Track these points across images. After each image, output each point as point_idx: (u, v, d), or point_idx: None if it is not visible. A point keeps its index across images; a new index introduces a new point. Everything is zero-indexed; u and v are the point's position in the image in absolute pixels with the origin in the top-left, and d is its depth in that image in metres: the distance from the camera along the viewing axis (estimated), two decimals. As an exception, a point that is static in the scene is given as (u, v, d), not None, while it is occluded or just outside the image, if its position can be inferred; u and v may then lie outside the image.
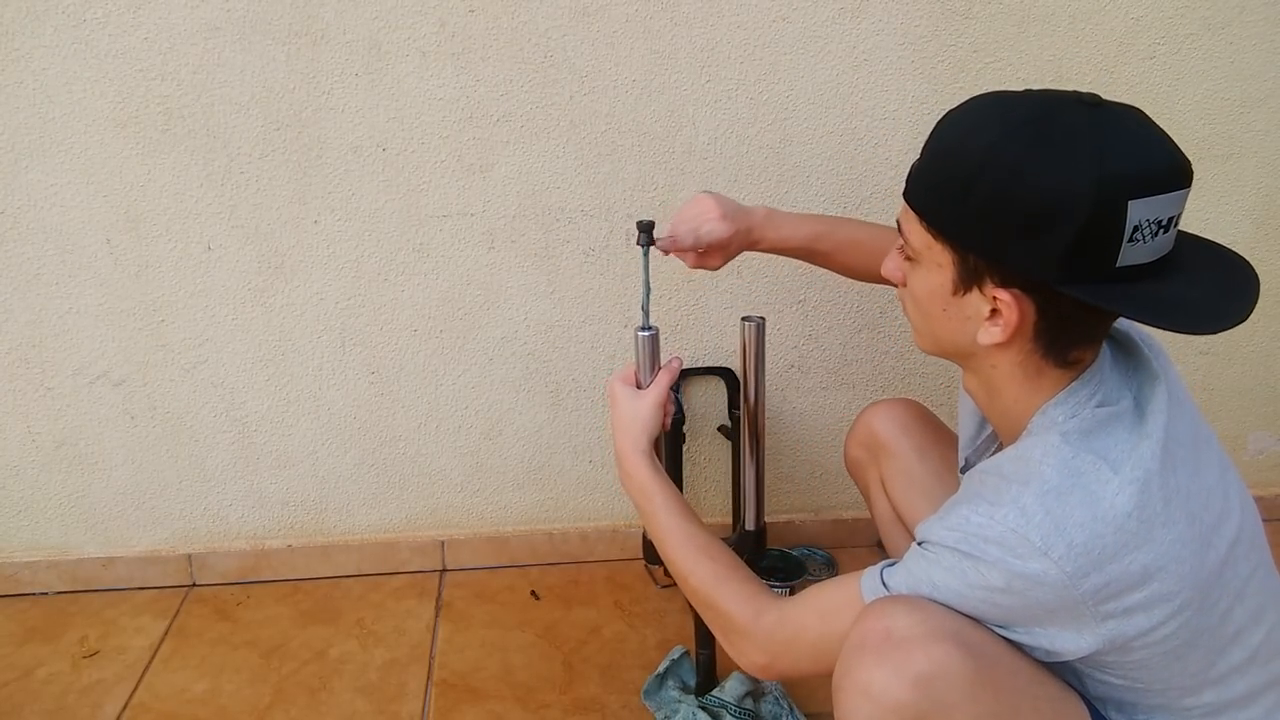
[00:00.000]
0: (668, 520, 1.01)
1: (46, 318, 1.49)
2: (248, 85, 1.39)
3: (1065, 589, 0.72)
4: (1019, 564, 0.73)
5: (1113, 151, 0.72)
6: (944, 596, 0.78)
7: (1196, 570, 0.75)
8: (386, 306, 1.53)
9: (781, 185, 1.51)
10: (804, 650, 0.88)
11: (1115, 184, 0.71)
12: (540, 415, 1.63)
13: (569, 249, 1.52)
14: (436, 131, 1.43)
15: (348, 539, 1.68)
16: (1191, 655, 0.78)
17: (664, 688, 1.37)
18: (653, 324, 1.09)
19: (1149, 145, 0.74)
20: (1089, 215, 0.71)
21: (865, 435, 1.28)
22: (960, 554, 0.77)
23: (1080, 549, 0.72)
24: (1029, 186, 0.73)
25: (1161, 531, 0.74)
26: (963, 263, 0.79)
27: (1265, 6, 1.49)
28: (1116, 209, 0.71)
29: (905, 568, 0.82)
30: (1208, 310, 0.75)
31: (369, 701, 1.39)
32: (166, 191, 1.43)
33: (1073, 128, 0.73)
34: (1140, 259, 0.74)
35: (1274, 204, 1.61)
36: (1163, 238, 0.75)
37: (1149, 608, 0.74)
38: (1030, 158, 0.73)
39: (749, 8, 1.41)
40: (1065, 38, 1.47)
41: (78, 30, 1.34)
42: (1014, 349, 0.81)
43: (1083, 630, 0.75)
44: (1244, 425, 1.77)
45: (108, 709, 1.39)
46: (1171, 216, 0.75)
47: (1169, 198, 0.73)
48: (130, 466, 1.60)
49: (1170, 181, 0.74)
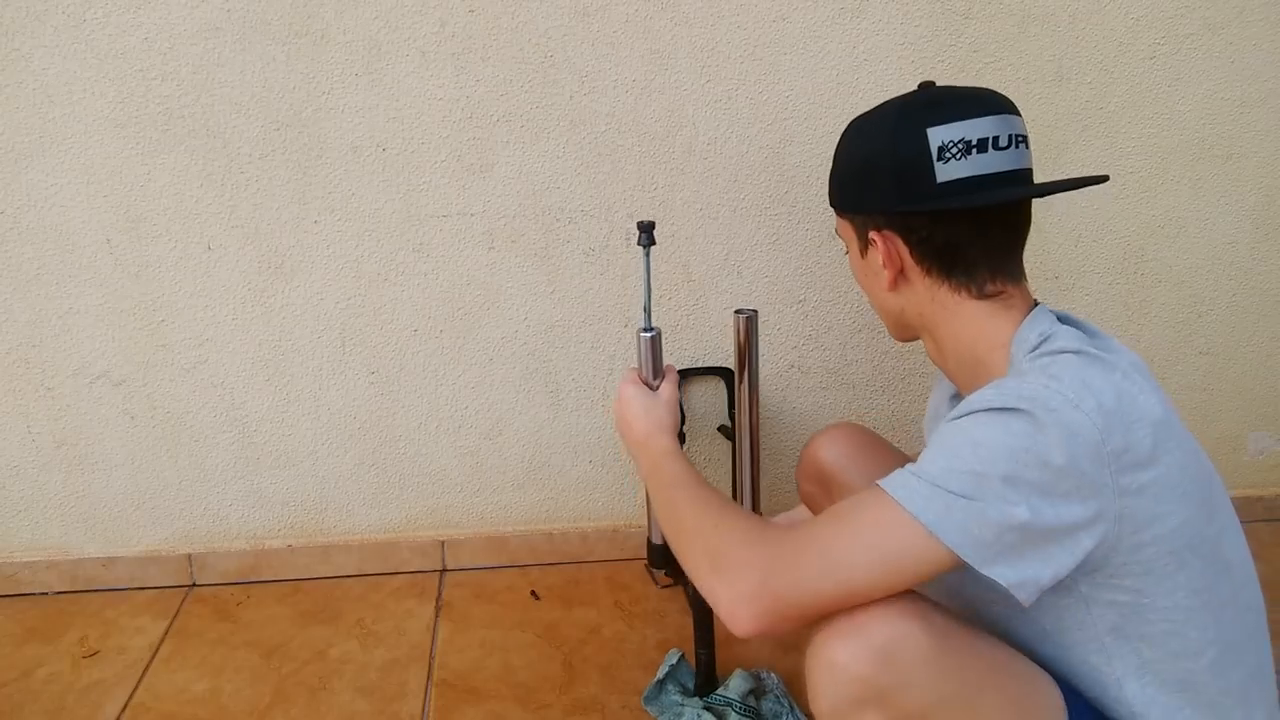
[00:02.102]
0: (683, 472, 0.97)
1: (46, 318, 1.49)
2: (248, 85, 1.39)
3: (1096, 444, 0.75)
4: (1054, 415, 0.75)
5: (916, 103, 0.90)
6: (987, 454, 0.76)
7: (1195, 470, 0.81)
8: (386, 306, 1.53)
9: (781, 185, 1.51)
10: (813, 564, 0.79)
11: (914, 120, 0.88)
12: (540, 415, 1.63)
13: (569, 249, 1.52)
14: (436, 131, 1.43)
15: (348, 539, 1.68)
16: (1192, 564, 0.81)
17: (664, 693, 1.37)
18: (655, 325, 1.09)
19: (953, 93, 0.91)
20: (899, 148, 0.88)
21: (811, 469, 1.28)
22: (996, 411, 0.78)
23: (1107, 408, 0.76)
24: (858, 144, 0.95)
25: (1167, 425, 0.79)
26: (855, 226, 0.97)
27: (1265, 6, 1.49)
28: (918, 136, 0.87)
29: (937, 446, 0.79)
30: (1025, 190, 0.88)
31: (369, 701, 1.39)
32: (166, 191, 1.43)
33: (891, 102, 0.93)
34: (963, 173, 0.86)
35: (1274, 204, 1.61)
36: (982, 156, 0.86)
37: (1158, 492, 0.77)
38: (861, 130, 0.95)
39: (749, 8, 1.41)
40: (1065, 38, 1.47)
41: (78, 30, 1.34)
42: (917, 286, 0.93)
43: (1102, 502, 0.76)
44: (1244, 425, 1.77)
45: (108, 709, 1.39)
46: (985, 138, 0.86)
47: (973, 122, 0.86)
48: (130, 466, 1.60)
49: (970, 108, 0.87)
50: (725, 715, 1.31)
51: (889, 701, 0.79)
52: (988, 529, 0.76)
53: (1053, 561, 0.77)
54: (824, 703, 0.82)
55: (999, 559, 0.76)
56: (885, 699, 0.79)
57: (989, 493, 0.76)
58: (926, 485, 0.78)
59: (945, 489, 0.77)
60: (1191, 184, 1.59)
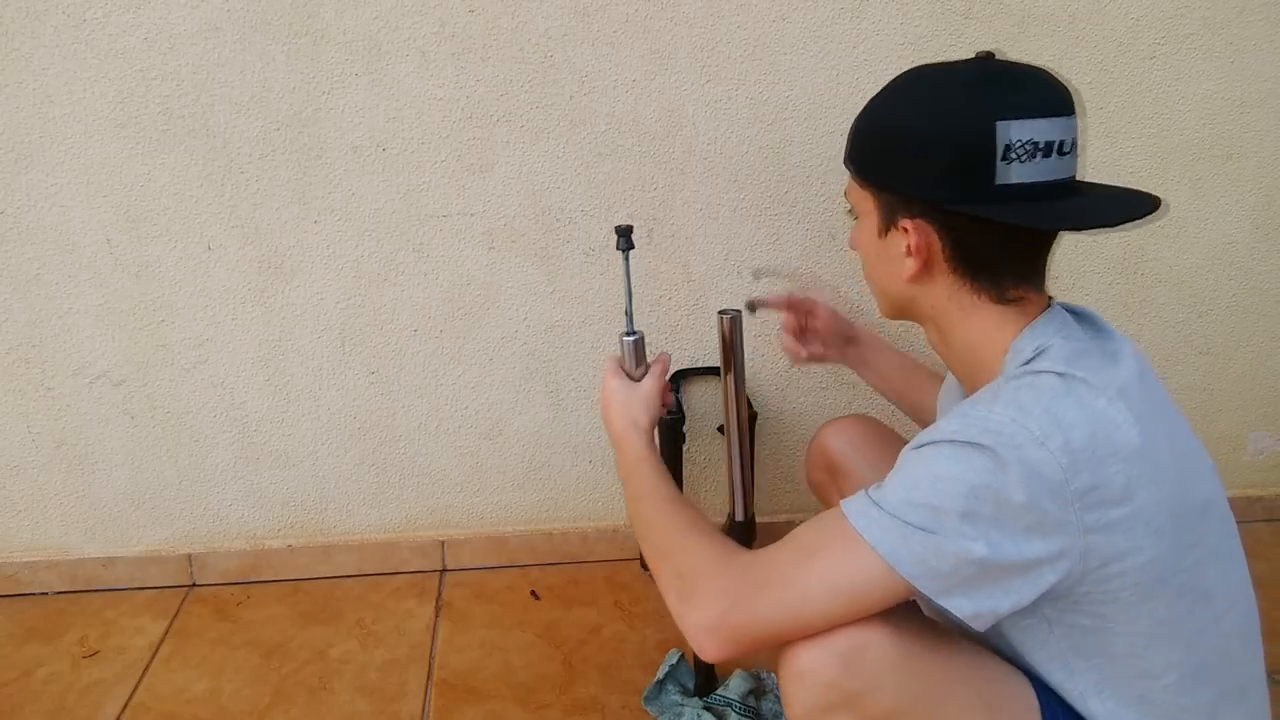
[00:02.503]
0: (654, 483, 0.97)
1: (46, 318, 1.49)
2: (248, 85, 1.39)
3: (1059, 484, 0.73)
4: (1017, 452, 0.73)
5: (984, 81, 0.82)
6: (946, 489, 0.75)
7: (1174, 504, 0.77)
8: (386, 306, 1.53)
9: (781, 185, 1.51)
10: (772, 597, 0.80)
11: (982, 106, 0.79)
12: (540, 415, 1.63)
13: (569, 249, 1.52)
14: (436, 131, 1.43)
15: (348, 539, 1.68)
16: (1162, 595, 0.78)
17: (664, 693, 1.37)
18: (637, 328, 1.08)
19: (1025, 78, 0.82)
20: (959, 135, 0.80)
21: (820, 458, 1.27)
22: (959, 444, 0.76)
23: (1076, 445, 0.73)
24: (912, 116, 0.84)
25: (1149, 453, 0.76)
26: (881, 202, 0.89)
27: (1265, 6, 1.49)
28: (986, 129, 0.79)
29: (899, 473, 0.79)
30: (1090, 213, 0.82)
31: (369, 701, 1.39)
32: (166, 191, 1.43)
33: (955, 70, 0.84)
34: (1023, 178, 0.80)
35: (1274, 204, 1.61)
36: (1045, 161, 0.80)
37: (1128, 528, 0.75)
38: (911, 93, 0.86)
39: (749, 8, 1.41)
40: (1065, 38, 1.47)
41: (78, 30, 1.34)
42: (939, 283, 0.87)
43: (1065, 539, 0.74)
44: (1244, 425, 1.77)
45: (108, 709, 1.39)
46: (1051, 141, 0.80)
47: (1044, 122, 0.79)
48: (130, 466, 1.60)
49: (1043, 107, 0.80)
50: (725, 715, 1.31)
51: (858, 705, 0.80)
52: (945, 561, 0.75)
53: (1013, 593, 0.77)
54: (796, 709, 0.83)
55: (956, 590, 0.76)
56: (854, 703, 0.80)
57: (946, 527, 0.75)
58: (885, 515, 0.77)
59: (903, 520, 0.76)
60: (1191, 184, 1.59)
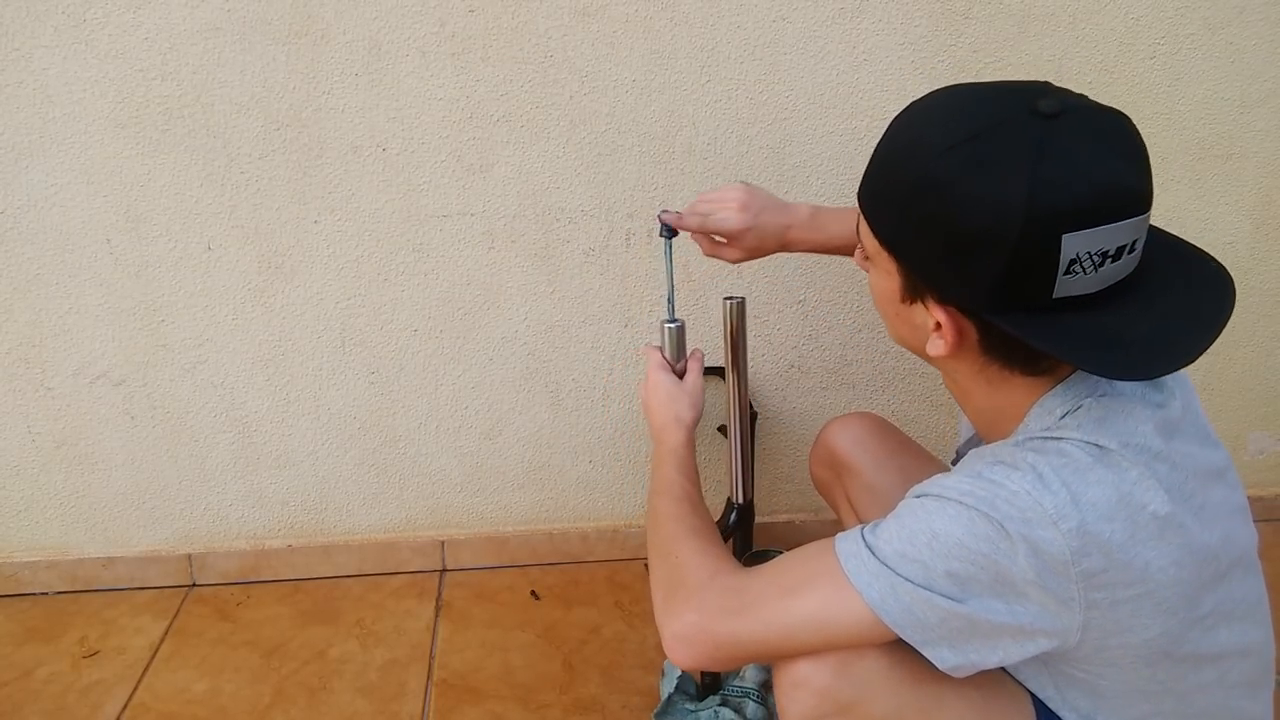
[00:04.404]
0: (678, 482, 0.99)
1: (46, 318, 1.49)
2: (248, 85, 1.39)
3: (1065, 565, 0.69)
4: (1026, 528, 0.69)
5: (1051, 179, 0.67)
6: (942, 549, 0.72)
7: (1192, 581, 0.73)
8: (386, 306, 1.53)
9: (781, 185, 1.51)
10: (752, 624, 0.80)
11: (1047, 217, 0.67)
12: (540, 415, 1.63)
13: (569, 249, 1.52)
14: (436, 131, 1.43)
15: (348, 539, 1.68)
16: (1164, 664, 0.76)
17: (673, 706, 1.35)
18: (678, 316, 1.09)
19: (1094, 172, 0.68)
20: (1017, 247, 0.68)
21: (825, 454, 1.27)
22: (966, 507, 0.72)
23: (1091, 529, 0.69)
24: (959, 214, 0.70)
25: (1172, 533, 0.71)
26: (906, 275, 0.77)
27: (1265, 6, 1.49)
28: (1049, 242, 0.67)
29: (897, 521, 0.76)
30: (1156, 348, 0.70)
31: (369, 701, 1.39)
32: (166, 191, 1.43)
33: (1015, 148, 0.68)
34: (1086, 289, 0.69)
35: (1274, 204, 1.61)
36: (1112, 266, 0.69)
37: (1136, 606, 0.72)
38: (963, 182, 0.69)
39: (749, 8, 1.41)
40: (1065, 38, 1.47)
41: (78, 30, 1.34)
42: (967, 362, 0.79)
43: (1064, 613, 0.72)
44: (1244, 425, 1.77)
45: (108, 709, 1.39)
46: (1121, 246, 0.69)
47: (1114, 228, 0.68)
48: (130, 466, 1.60)
49: (1115, 212, 0.68)
50: (743, 706, 1.30)
51: (852, 713, 0.81)
52: (932, 614, 0.74)
53: (999, 651, 0.75)
54: (790, 717, 0.83)
55: (941, 642, 0.75)
56: (848, 711, 0.81)
57: (936, 585, 0.73)
58: (876, 562, 0.75)
59: (894, 571, 0.74)
60: (1191, 184, 1.59)
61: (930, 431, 1.69)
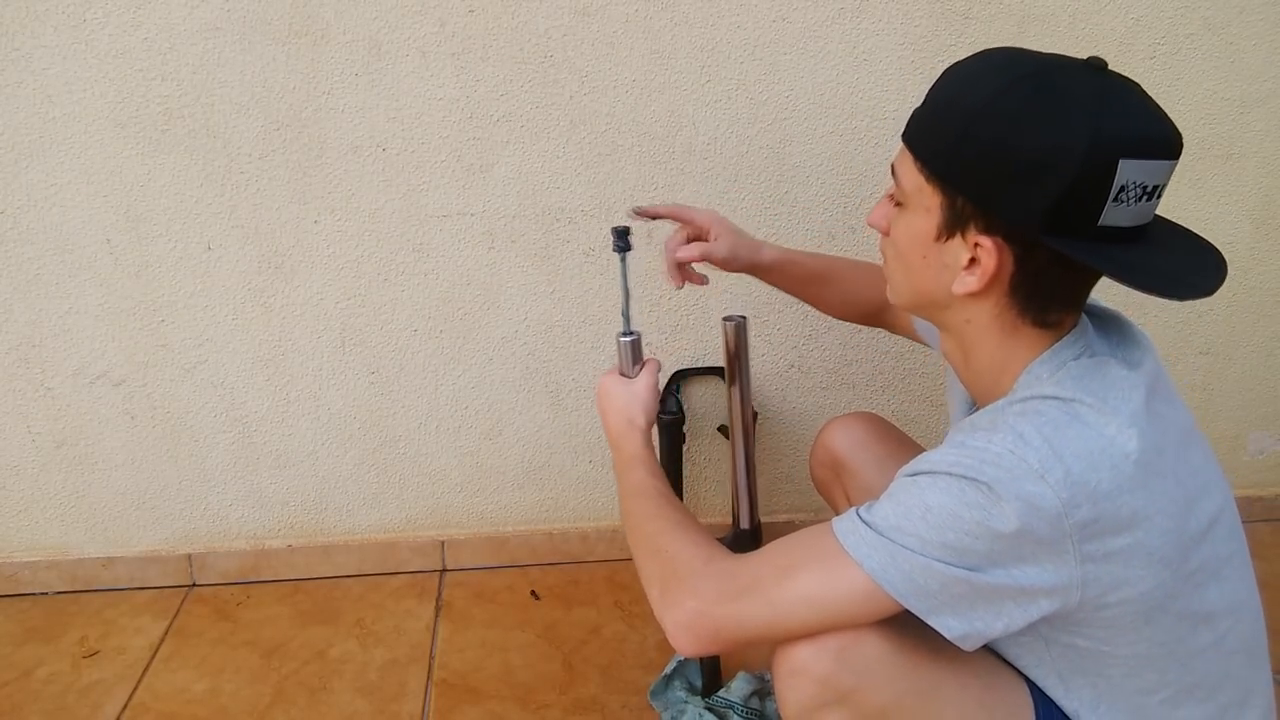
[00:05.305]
0: (647, 481, 0.98)
1: (46, 318, 1.49)
2: (248, 85, 1.39)
3: (1057, 517, 0.72)
4: (1015, 486, 0.72)
5: (1110, 111, 0.74)
6: (936, 520, 0.74)
7: (1178, 531, 0.75)
8: (386, 306, 1.53)
9: (781, 185, 1.51)
10: (753, 605, 0.81)
11: (1110, 140, 0.73)
12: (540, 415, 1.63)
13: (569, 249, 1.52)
14: (436, 131, 1.43)
15: (348, 539, 1.68)
16: (1162, 621, 0.78)
17: (671, 688, 1.37)
18: (634, 329, 1.08)
19: (1145, 113, 0.76)
20: (1081, 167, 0.72)
21: (825, 455, 1.27)
22: (954, 477, 0.74)
23: (1077, 478, 0.71)
24: (1026, 136, 0.74)
25: (1155, 481, 0.74)
26: (950, 207, 0.79)
27: (1265, 6, 1.49)
28: (1108, 165, 0.73)
29: (891, 499, 0.78)
30: (1180, 279, 0.77)
31: (369, 701, 1.39)
32: (166, 191, 1.43)
33: (1074, 86, 0.75)
34: (1121, 221, 0.75)
35: (1274, 204, 1.61)
36: (1144, 205, 0.76)
37: (1129, 558, 0.74)
38: (1030, 109, 0.74)
39: (749, 8, 1.41)
40: (1065, 38, 1.47)
41: (78, 30, 1.34)
42: (989, 302, 0.81)
43: (1062, 569, 0.74)
44: (1244, 425, 1.77)
45: (108, 709, 1.39)
46: (1157, 185, 0.76)
47: (1159, 164, 0.75)
48: (130, 466, 1.60)
49: (1162, 149, 0.76)
50: (727, 717, 1.31)
51: (851, 702, 0.81)
52: (933, 579, 0.75)
53: (1004, 616, 0.76)
54: (790, 706, 0.83)
55: (945, 609, 0.76)
56: (848, 699, 0.81)
57: (935, 553, 0.75)
58: (874, 535, 0.77)
59: (892, 540, 0.76)
60: (1191, 184, 1.59)
61: (930, 431, 1.69)
